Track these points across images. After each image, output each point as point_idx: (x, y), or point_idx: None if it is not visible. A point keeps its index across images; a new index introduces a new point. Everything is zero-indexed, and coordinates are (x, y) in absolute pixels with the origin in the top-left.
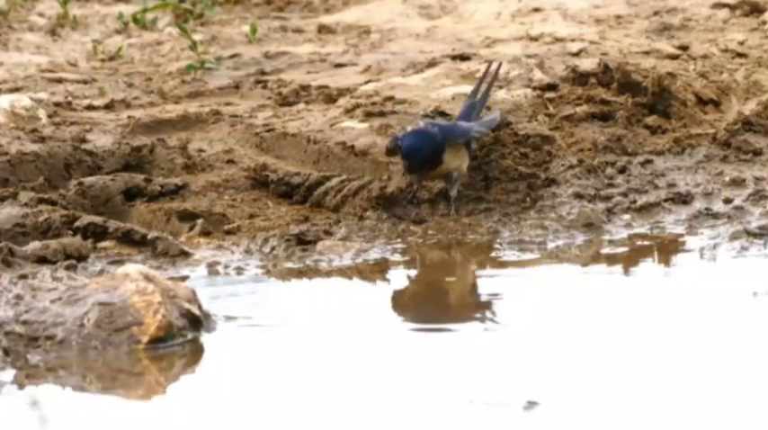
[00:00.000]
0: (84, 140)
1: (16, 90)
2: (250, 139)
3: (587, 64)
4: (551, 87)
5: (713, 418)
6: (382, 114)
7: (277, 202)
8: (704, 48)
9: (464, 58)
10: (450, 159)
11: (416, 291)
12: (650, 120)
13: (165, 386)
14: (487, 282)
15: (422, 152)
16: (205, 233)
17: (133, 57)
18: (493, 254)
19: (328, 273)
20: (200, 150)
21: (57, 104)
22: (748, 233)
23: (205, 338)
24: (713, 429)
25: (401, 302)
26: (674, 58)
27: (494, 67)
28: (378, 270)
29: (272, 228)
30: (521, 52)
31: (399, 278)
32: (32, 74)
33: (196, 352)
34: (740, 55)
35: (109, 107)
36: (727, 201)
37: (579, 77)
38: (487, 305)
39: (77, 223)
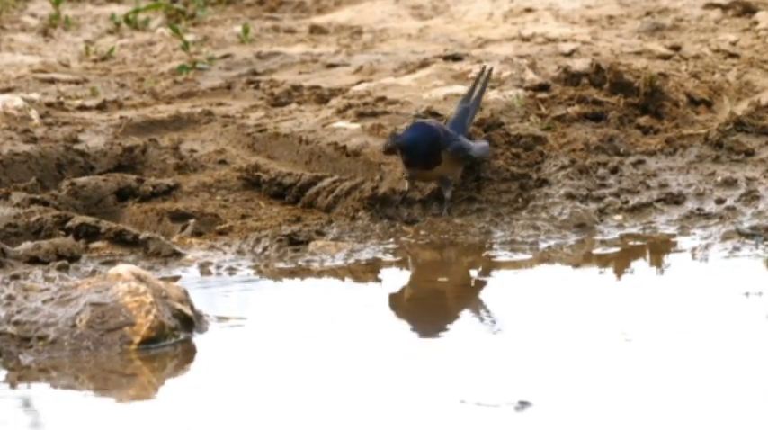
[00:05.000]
0: (76, 141)
1: (8, 90)
2: (242, 140)
3: (579, 64)
4: (543, 88)
5: (705, 418)
6: (374, 115)
7: (269, 203)
8: (696, 48)
9: (456, 58)
10: (448, 163)
11: (408, 292)
12: (642, 120)
13: (157, 387)
14: (479, 283)
15: (422, 145)
16: (197, 233)
17: (125, 57)
18: (485, 254)
19: (320, 274)
20: (192, 151)
21: (49, 105)
22: (740, 233)
23: (197, 339)
24: (705, 428)
25: (392, 303)
26: (665, 58)
27: (487, 69)
28: (369, 270)
29: (263, 229)
30: (513, 52)
31: (391, 278)
32: (24, 74)
33: (188, 352)
34: (732, 55)
35: (101, 107)
36: (719, 201)
37: (571, 78)
38: (479, 305)
39: (69, 223)
